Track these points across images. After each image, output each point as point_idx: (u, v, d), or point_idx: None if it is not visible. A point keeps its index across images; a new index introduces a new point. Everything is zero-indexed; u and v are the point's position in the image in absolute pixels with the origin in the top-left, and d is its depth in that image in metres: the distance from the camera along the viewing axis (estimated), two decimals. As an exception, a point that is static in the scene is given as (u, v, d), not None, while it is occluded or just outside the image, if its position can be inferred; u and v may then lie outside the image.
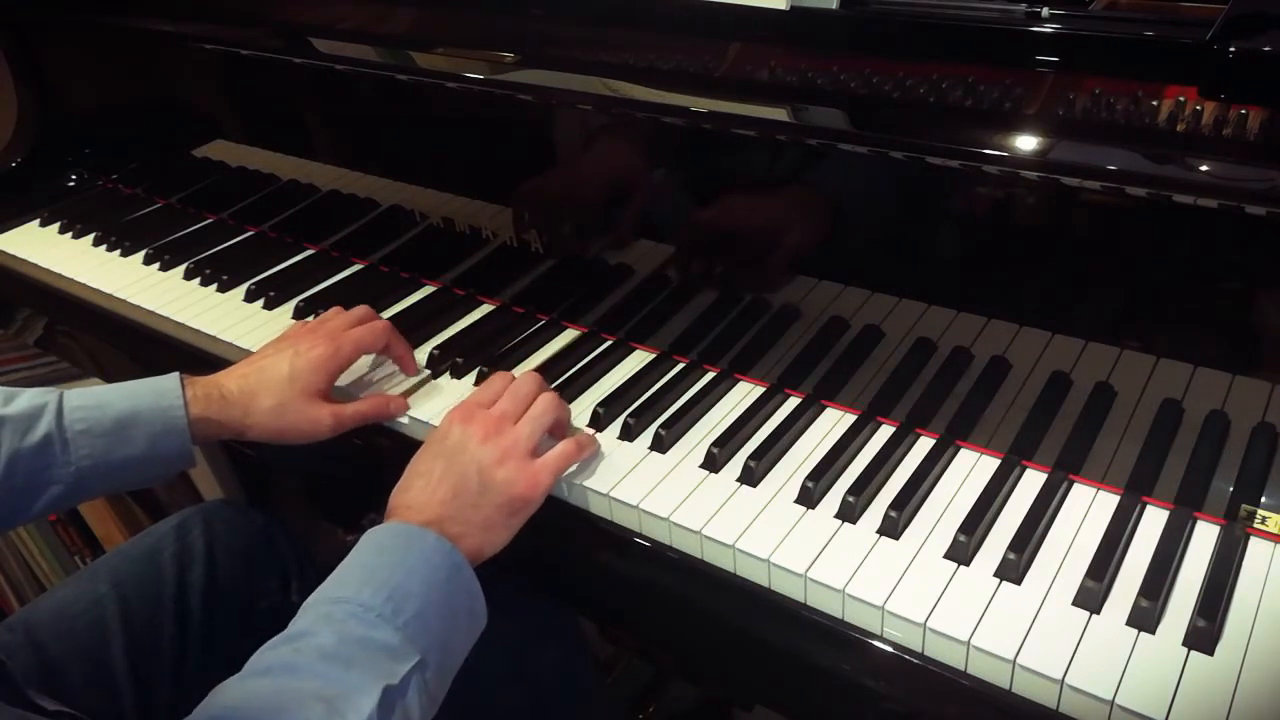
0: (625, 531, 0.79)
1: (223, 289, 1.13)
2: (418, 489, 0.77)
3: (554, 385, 0.90)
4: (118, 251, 1.23)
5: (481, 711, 0.89)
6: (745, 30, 0.83)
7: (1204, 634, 0.63)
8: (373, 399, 0.91)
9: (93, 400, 0.83)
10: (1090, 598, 0.66)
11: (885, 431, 0.83)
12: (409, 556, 0.71)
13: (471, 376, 0.95)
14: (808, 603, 0.71)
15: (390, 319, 0.99)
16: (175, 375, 0.86)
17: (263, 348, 0.92)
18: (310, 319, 1.03)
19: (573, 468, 0.82)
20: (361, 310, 0.96)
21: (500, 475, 0.76)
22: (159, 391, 0.85)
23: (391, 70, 1.03)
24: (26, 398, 0.83)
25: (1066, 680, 0.61)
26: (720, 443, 0.81)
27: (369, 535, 0.73)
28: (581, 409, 0.88)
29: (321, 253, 1.19)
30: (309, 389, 0.86)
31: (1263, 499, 0.70)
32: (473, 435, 0.78)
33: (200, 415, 0.85)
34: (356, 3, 1.08)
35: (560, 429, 0.84)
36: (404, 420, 0.91)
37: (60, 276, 1.21)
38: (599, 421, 0.86)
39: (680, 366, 0.92)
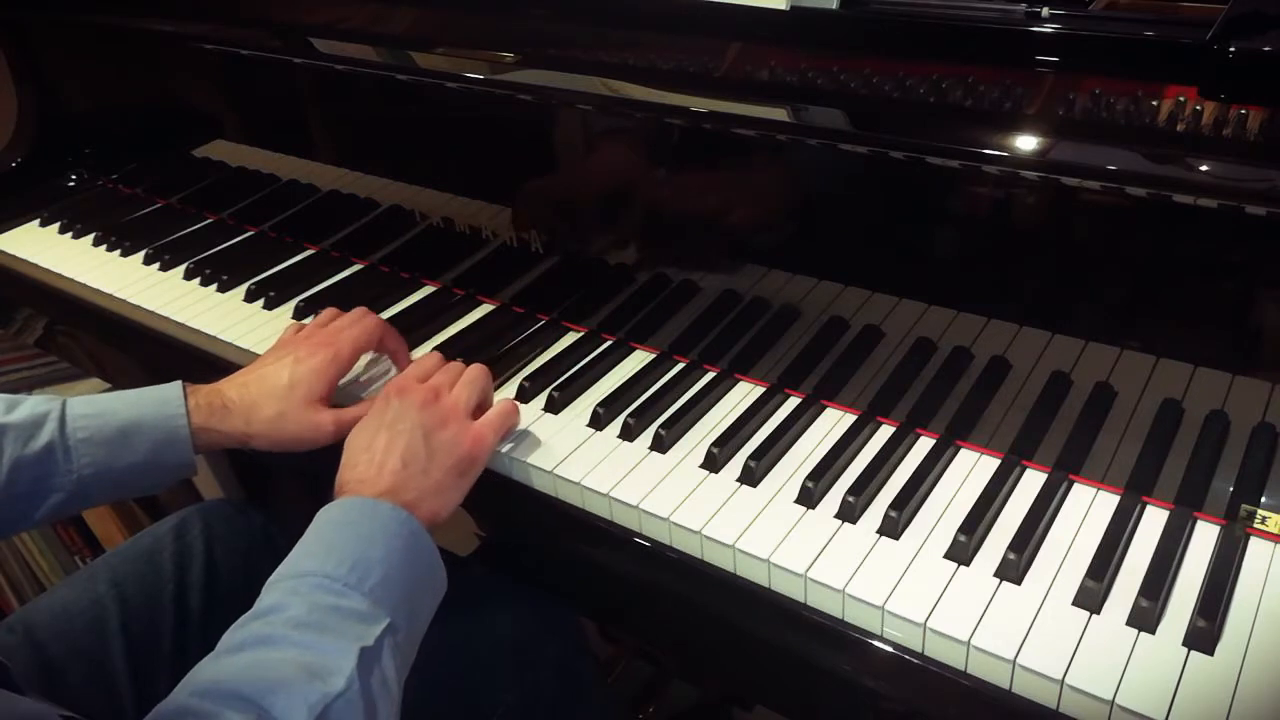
0: (625, 531, 0.79)
1: (223, 289, 1.13)
2: (364, 463, 0.77)
3: (554, 385, 0.90)
4: (118, 251, 1.23)
5: (482, 711, 0.88)
6: (745, 30, 0.83)
7: (1204, 634, 0.63)
8: (372, 400, 0.90)
9: (95, 408, 0.83)
10: (1090, 598, 0.66)
11: (885, 431, 0.83)
12: (366, 527, 0.71)
13: (471, 376, 0.95)
14: (808, 603, 0.71)
15: (390, 319, 0.99)
16: (178, 384, 0.86)
17: (263, 355, 0.92)
18: (308, 320, 1.03)
19: (571, 465, 0.82)
20: (357, 312, 0.96)
21: (445, 437, 0.78)
22: (162, 400, 0.85)
23: (391, 70, 1.03)
24: (29, 405, 0.83)
25: (1066, 680, 0.61)
26: (720, 443, 0.81)
27: (323, 513, 0.73)
28: (581, 409, 0.88)
29: (321, 253, 1.19)
30: (310, 395, 0.86)
31: (1263, 499, 0.70)
32: (411, 404, 0.79)
33: (202, 425, 0.85)
34: (356, 3, 1.08)
35: (487, 401, 0.86)
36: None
37: (60, 276, 1.21)
38: (599, 421, 0.86)
39: (680, 366, 0.92)
